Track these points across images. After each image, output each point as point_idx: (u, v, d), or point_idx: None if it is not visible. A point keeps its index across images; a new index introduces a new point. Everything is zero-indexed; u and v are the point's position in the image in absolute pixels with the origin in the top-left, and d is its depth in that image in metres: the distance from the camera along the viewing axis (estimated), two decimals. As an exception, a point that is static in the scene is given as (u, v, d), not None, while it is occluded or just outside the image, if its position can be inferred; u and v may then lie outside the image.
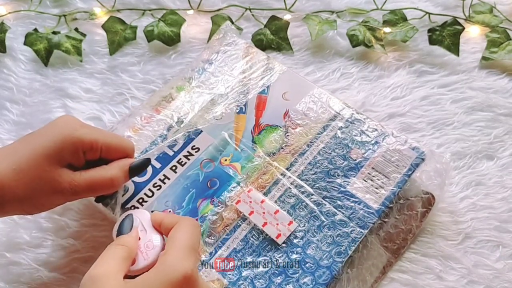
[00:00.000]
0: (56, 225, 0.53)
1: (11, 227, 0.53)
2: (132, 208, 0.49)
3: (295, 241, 0.47)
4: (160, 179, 0.51)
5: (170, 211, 0.49)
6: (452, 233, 0.52)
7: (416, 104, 0.60)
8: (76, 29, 0.65)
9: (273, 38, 0.65)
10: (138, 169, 0.48)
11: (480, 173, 0.55)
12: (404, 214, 0.50)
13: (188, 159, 0.52)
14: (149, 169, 0.51)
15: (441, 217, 0.53)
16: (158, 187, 0.50)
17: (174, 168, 0.51)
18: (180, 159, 0.52)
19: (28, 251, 0.52)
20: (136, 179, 0.50)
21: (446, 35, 0.63)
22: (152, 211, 0.44)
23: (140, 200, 0.49)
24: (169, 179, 0.51)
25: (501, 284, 0.49)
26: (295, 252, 0.47)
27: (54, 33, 0.64)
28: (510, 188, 0.54)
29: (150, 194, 0.50)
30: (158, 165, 0.51)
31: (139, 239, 0.42)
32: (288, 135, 0.53)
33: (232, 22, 0.66)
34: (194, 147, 0.52)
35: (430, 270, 0.50)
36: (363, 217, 0.48)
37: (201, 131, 0.53)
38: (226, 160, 0.52)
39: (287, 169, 0.51)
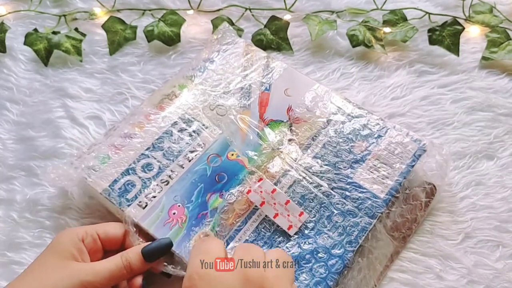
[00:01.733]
0: (57, 224, 0.53)
1: (12, 227, 0.53)
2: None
3: (306, 231, 0.48)
4: (167, 175, 0.51)
5: (179, 206, 0.49)
6: (452, 233, 0.52)
7: (416, 104, 0.60)
8: (76, 29, 0.65)
9: (273, 38, 0.65)
10: (153, 253, 0.45)
11: (480, 173, 0.55)
12: (410, 204, 0.51)
13: (195, 155, 0.52)
14: (156, 164, 0.51)
15: (441, 217, 0.53)
16: (166, 183, 0.51)
17: (181, 163, 0.52)
18: (187, 154, 0.52)
19: (29, 250, 0.52)
20: (143, 175, 0.51)
21: (446, 35, 0.63)
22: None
23: (149, 196, 0.50)
24: (176, 174, 0.51)
25: (501, 284, 0.49)
26: (306, 242, 0.47)
27: (54, 33, 0.64)
28: (510, 188, 0.54)
29: (158, 189, 0.50)
30: (165, 161, 0.52)
31: None
32: (292, 130, 0.54)
33: (233, 24, 0.66)
34: (200, 143, 0.53)
35: (430, 270, 0.50)
36: (371, 207, 0.49)
37: (206, 127, 0.54)
38: (232, 154, 0.52)
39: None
